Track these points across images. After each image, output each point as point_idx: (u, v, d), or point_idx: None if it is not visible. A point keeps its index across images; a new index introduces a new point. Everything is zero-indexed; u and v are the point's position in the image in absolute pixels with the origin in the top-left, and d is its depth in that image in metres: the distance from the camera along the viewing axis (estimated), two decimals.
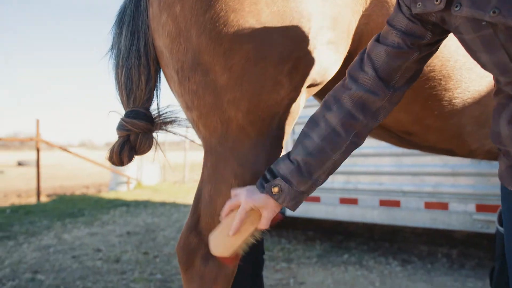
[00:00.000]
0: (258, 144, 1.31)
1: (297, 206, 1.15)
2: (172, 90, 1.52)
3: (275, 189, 1.12)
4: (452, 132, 1.65)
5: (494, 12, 0.84)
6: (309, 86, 1.39)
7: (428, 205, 3.76)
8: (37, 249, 4.64)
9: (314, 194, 4.43)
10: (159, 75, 1.48)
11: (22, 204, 8.21)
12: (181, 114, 1.55)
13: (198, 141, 1.66)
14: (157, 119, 1.51)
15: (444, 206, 3.68)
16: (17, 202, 8.80)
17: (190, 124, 1.57)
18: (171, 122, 1.53)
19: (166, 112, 1.52)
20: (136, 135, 1.43)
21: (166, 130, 1.55)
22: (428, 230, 5.50)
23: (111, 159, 1.46)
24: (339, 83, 1.17)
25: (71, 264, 4.04)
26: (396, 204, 3.94)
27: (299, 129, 4.44)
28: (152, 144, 1.49)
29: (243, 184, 1.31)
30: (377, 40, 1.10)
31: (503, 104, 1.02)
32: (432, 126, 1.64)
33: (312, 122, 1.14)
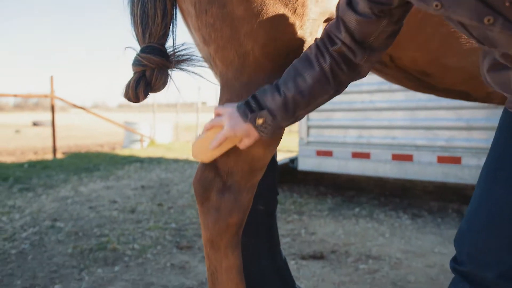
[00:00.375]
0: (273, 79, 1.31)
1: (274, 137, 1.22)
2: (188, 25, 1.51)
3: (260, 121, 1.16)
4: (470, 72, 1.63)
5: (436, 6, 0.86)
6: (326, 21, 1.38)
7: (441, 159, 3.76)
8: (55, 200, 4.78)
9: (326, 148, 4.46)
10: (175, 11, 1.47)
11: (39, 159, 8.39)
12: (196, 52, 1.55)
13: (213, 80, 1.67)
14: (172, 56, 1.50)
15: (457, 160, 3.68)
16: (34, 158, 8.99)
17: (205, 63, 1.57)
18: (186, 60, 1.53)
19: (181, 50, 1.51)
20: (152, 70, 1.42)
21: (180, 68, 1.55)
22: (439, 188, 5.53)
23: (127, 95, 1.46)
24: (328, 29, 1.17)
25: (88, 214, 4.17)
26: (409, 158, 3.94)
27: (314, 116, 4.42)
28: (167, 81, 1.49)
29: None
30: (349, 4, 1.08)
31: (483, 52, 1.01)
32: (449, 66, 1.62)
33: (307, 61, 1.15)
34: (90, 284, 2.58)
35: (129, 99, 1.46)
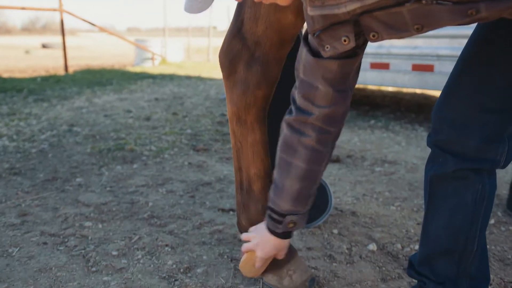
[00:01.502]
0: None
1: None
2: None
3: (290, 225, 1.21)
4: None
5: (417, 29, 0.92)
6: None
7: None
8: (70, 109, 4.79)
9: None
10: None
11: (51, 74, 8.35)
12: None
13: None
14: None
15: None
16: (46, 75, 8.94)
17: None
18: None
19: None
20: None
21: None
22: None
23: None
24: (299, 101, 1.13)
25: (104, 121, 4.19)
26: (430, 68, 3.82)
27: None
28: None
29: None
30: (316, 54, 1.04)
31: None
32: None
33: (290, 148, 1.15)
34: (110, 178, 2.63)
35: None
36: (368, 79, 4.25)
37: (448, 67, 3.74)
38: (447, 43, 3.72)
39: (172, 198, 2.34)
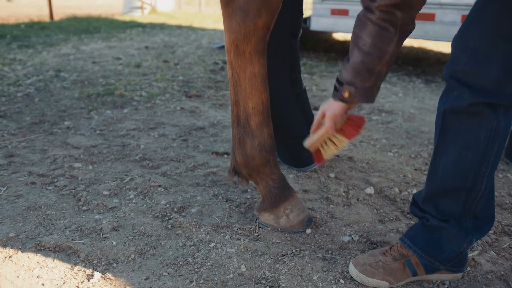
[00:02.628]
0: None
1: (372, 99, 1.21)
2: None
3: (346, 94, 1.19)
4: None
5: None
6: None
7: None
8: (56, 56, 4.61)
9: (342, 6, 4.17)
10: None
11: (36, 21, 8.03)
12: None
13: None
14: None
15: None
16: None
17: None
18: None
19: None
20: None
21: None
22: None
23: None
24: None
25: (92, 67, 4.04)
26: (431, 17, 3.69)
27: None
28: None
29: None
30: None
31: None
32: None
33: (360, 22, 1.12)
34: (100, 122, 2.55)
35: None
36: None
37: (450, 16, 3.63)
38: None
39: (164, 141, 2.27)
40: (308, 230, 1.48)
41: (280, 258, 1.32)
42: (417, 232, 1.24)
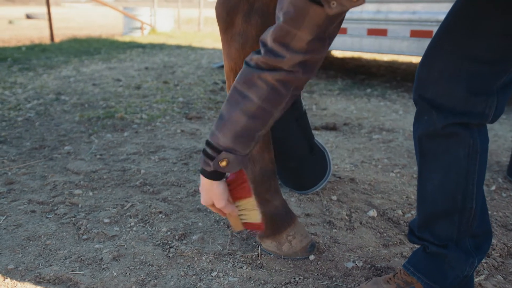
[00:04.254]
0: None
1: (245, 167, 1.10)
2: None
3: (223, 163, 1.03)
4: None
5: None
6: None
7: None
8: (57, 78, 4.64)
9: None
10: None
11: (36, 44, 8.10)
12: None
13: None
14: None
15: None
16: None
17: None
18: None
19: None
20: None
21: None
22: None
23: None
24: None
25: (92, 89, 4.05)
26: (429, 34, 3.71)
27: None
28: None
29: None
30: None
31: None
32: None
33: (248, 80, 0.98)
34: (100, 146, 2.54)
35: None
36: (365, 46, 4.14)
37: None
38: (447, 7, 3.60)
39: (165, 165, 2.26)
40: (311, 257, 1.46)
41: (283, 287, 1.30)
42: (420, 258, 1.22)
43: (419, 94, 1.09)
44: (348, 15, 4.14)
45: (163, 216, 1.71)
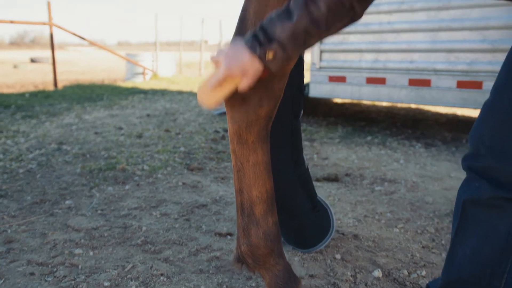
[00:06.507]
0: None
1: (279, 69, 1.07)
2: None
3: (270, 54, 1.01)
4: None
5: None
6: None
7: (461, 84, 3.60)
8: (59, 126, 4.68)
9: (339, 73, 4.28)
10: None
11: (40, 90, 8.22)
12: None
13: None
14: None
15: (478, 85, 3.52)
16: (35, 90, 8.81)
17: None
18: None
19: None
20: None
21: None
22: (452, 120, 5.41)
23: None
24: None
25: (94, 138, 4.08)
26: (427, 83, 3.78)
27: (327, 39, 4.17)
28: None
29: None
30: None
31: None
32: None
33: None
34: (102, 200, 2.53)
35: None
36: (364, 95, 4.21)
37: (445, 82, 3.71)
38: (443, 57, 3.69)
39: (166, 221, 2.24)
40: None
41: None
42: None
43: (469, 165, 1.07)
44: (347, 64, 4.23)
45: (165, 279, 1.68)
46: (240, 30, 1.31)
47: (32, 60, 30.80)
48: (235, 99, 1.31)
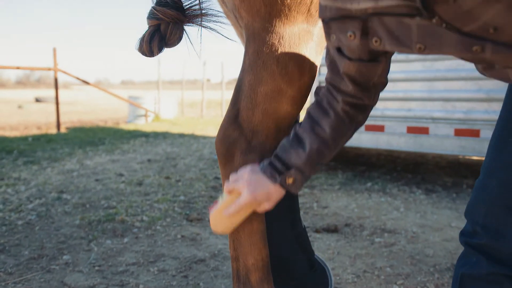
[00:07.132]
0: (302, 29, 1.20)
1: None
2: None
3: (290, 180, 1.12)
4: None
5: (420, 48, 0.85)
6: None
7: (459, 132, 3.64)
8: (60, 172, 4.70)
9: None
10: None
11: (43, 133, 8.30)
12: (212, 7, 1.46)
13: (230, 36, 1.55)
14: (187, 11, 1.43)
15: (475, 133, 3.56)
16: (37, 133, 8.90)
17: (220, 19, 1.48)
18: (201, 15, 1.45)
19: (197, 4, 1.44)
20: (167, 24, 1.36)
21: (195, 23, 1.48)
22: (452, 163, 5.42)
23: (141, 49, 1.39)
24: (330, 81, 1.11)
25: (95, 186, 4.09)
26: (425, 131, 3.82)
27: (324, 70, 4.27)
28: (182, 36, 1.42)
29: (284, 71, 1.23)
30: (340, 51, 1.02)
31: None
32: None
33: (321, 109, 1.12)
34: (100, 255, 2.51)
35: (143, 54, 1.39)
36: (363, 141, 4.24)
37: (443, 130, 3.75)
38: (441, 105, 3.75)
39: (164, 278, 2.22)
40: None
41: None
42: None
43: (466, 241, 1.08)
44: None
45: None
46: (236, 100, 1.35)
47: (37, 100, 31.30)
48: (231, 170, 1.34)
